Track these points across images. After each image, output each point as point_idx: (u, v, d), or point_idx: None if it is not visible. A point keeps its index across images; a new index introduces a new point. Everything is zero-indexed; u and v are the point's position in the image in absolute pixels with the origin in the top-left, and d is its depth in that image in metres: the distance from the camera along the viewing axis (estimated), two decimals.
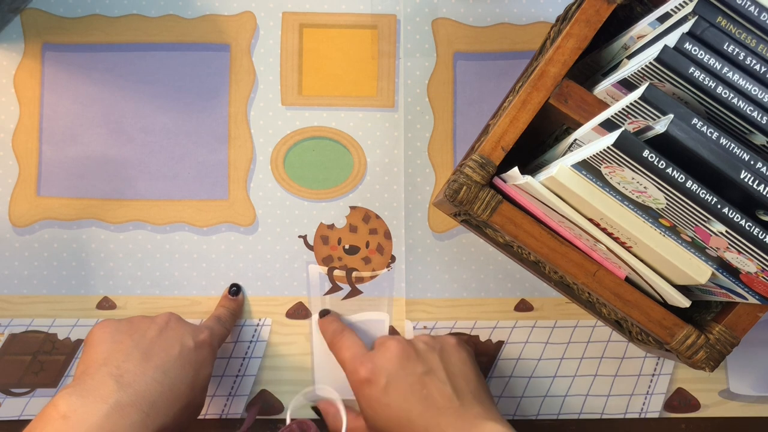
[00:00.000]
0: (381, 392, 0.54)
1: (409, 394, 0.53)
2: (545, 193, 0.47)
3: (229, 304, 0.63)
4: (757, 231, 0.41)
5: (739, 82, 0.43)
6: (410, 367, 0.55)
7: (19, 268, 0.63)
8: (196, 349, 0.55)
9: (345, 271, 0.65)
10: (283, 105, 0.65)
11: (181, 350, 0.54)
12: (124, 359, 0.51)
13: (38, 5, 0.64)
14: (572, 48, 0.50)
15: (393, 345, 0.57)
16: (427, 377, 0.54)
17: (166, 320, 0.56)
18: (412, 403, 0.53)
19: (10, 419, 0.63)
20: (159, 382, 0.51)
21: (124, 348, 0.53)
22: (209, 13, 0.65)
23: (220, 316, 0.62)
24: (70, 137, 0.64)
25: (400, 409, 0.53)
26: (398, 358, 0.55)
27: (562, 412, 0.65)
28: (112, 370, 0.50)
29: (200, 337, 0.56)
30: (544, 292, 0.65)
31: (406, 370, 0.55)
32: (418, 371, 0.55)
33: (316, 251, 0.65)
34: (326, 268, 0.64)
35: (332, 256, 0.65)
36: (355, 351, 0.58)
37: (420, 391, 0.53)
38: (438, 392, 0.54)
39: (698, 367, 0.51)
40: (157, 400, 0.50)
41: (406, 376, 0.54)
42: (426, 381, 0.54)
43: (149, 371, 0.51)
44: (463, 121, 0.65)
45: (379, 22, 0.65)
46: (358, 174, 0.65)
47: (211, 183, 0.64)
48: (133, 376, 0.50)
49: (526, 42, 0.65)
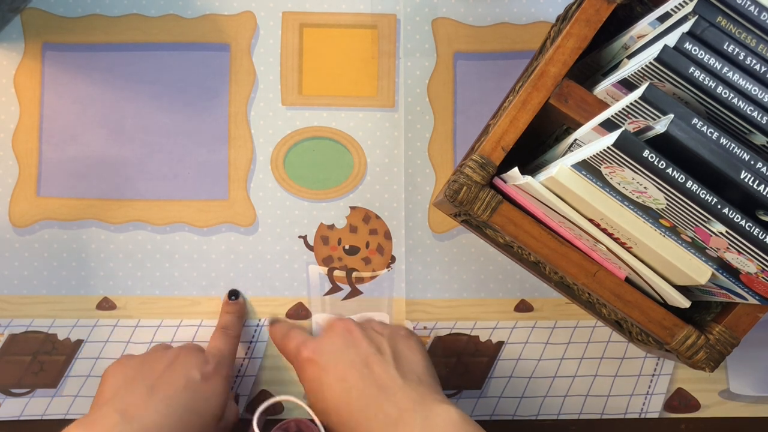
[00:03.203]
0: (321, 371, 0.53)
1: (350, 372, 0.52)
2: (545, 193, 0.47)
3: (232, 308, 0.63)
4: (757, 231, 0.41)
5: (739, 82, 0.42)
6: (354, 347, 0.53)
7: (19, 268, 0.63)
8: (203, 381, 0.55)
9: (345, 271, 0.65)
10: (283, 105, 0.65)
11: (186, 383, 0.54)
12: (130, 393, 0.53)
13: (38, 5, 0.64)
14: (572, 48, 0.50)
15: (338, 326, 0.56)
16: (371, 357, 0.52)
17: (176, 354, 0.57)
18: (352, 381, 0.51)
19: (10, 419, 0.63)
20: (163, 414, 0.52)
21: (132, 383, 0.54)
22: (209, 12, 0.65)
23: (227, 326, 0.62)
24: (70, 137, 0.64)
25: (340, 388, 0.52)
26: (342, 338, 0.54)
27: (562, 413, 0.65)
28: (117, 404, 0.52)
29: (207, 368, 0.56)
30: (544, 293, 0.65)
31: (350, 349, 0.53)
32: (363, 351, 0.53)
33: (316, 252, 0.65)
34: (326, 268, 0.64)
35: (332, 257, 0.65)
36: (300, 339, 0.56)
37: (361, 370, 0.52)
38: (381, 370, 0.52)
39: (698, 367, 0.51)
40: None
41: (348, 355, 0.53)
42: (369, 361, 0.52)
43: (152, 404, 0.52)
44: (463, 121, 0.65)
45: (379, 21, 0.65)
46: (358, 174, 0.65)
47: (211, 183, 0.64)
48: (137, 408, 0.51)
49: (526, 42, 0.65)
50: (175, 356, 0.56)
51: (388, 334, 0.56)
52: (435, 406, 0.49)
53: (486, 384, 0.65)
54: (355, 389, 0.51)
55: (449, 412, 0.48)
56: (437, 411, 0.49)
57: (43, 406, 0.63)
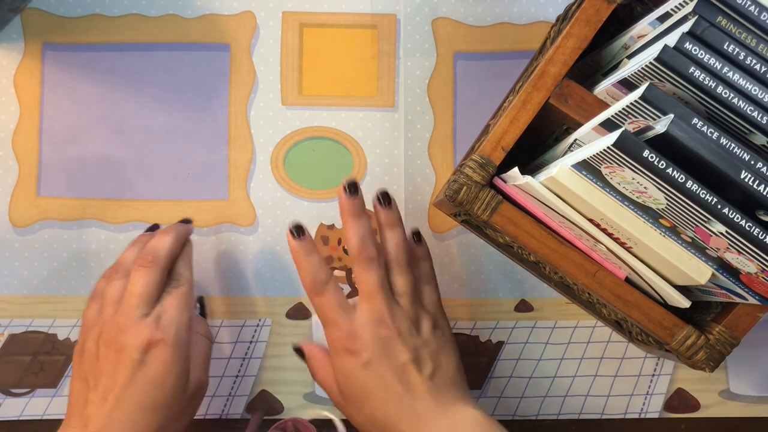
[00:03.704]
0: (362, 367, 0.53)
1: (388, 373, 0.53)
2: (545, 193, 0.47)
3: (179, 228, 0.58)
4: (758, 231, 0.41)
5: (740, 81, 0.42)
6: (395, 353, 0.53)
7: (19, 268, 0.63)
8: (146, 361, 0.52)
9: (345, 271, 0.65)
10: (283, 105, 0.65)
11: (132, 374, 0.51)
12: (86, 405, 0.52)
13: (38, 5, 0.64)
14: (572, 48, 0.50)
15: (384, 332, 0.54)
16: (408, 364, 0.53)
17: (111, 339, 0.52)
18: (389, 382, 0.52)
19: (10, 419, 0.63)
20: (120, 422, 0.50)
21: (84, 391, 0.52)
22: (209, 12, 0.65)
23: (173, 274, 0.56)
24: (70, 137, 0.64)
25: (375, 386, 0.53)
26: (385, 342, 0.53)
27: (562, 413, 0.65)
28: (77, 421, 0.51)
29: (144, 339, 0.52)
30: (544, 293, 0.65)
31: (390, 355, 0.53)
32: (402, 357, 0.53)
33: None
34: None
35: (332, 257, 0.65)
36: (341, 312, 0.54)
37: (397, 372, 0.53)
38: (416, 375, 0.53)
39: (698, 367, 0.51)
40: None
41: (388, 359, 0.53)
42: (406, 367, 0.53)
43: (107, 415, 0.51)
44: (463, 121, 0.65)
45: (379, 21, 0.65)
46: (358, 174, 0.65)
47: (211, 183, 0.64)
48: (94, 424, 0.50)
49: (526, 42, 0.65)
50: (116, 345, 0.52)
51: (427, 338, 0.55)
52: (461, 408, 0.52)
53: (486, 384, 0.65)
54: (392, 392, 0.53)
55: (474, 414, 0.52)
56: (463, 413, 0.52)
57: (43, 406, 0.63)
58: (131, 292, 0.53)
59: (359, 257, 0.55)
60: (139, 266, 0.54)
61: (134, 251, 0.57)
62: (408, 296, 0.56)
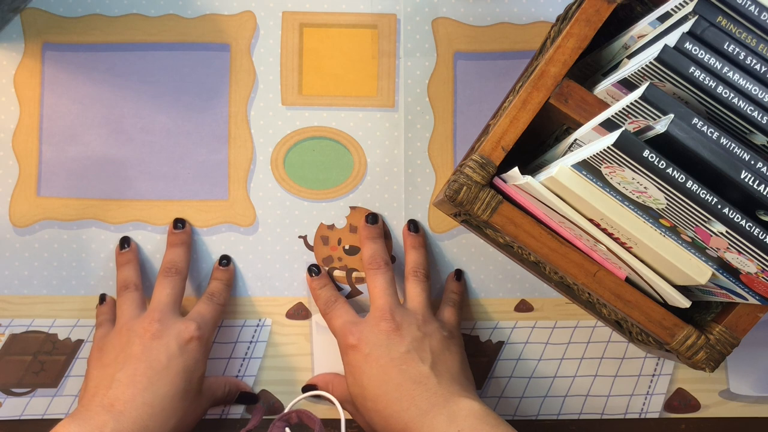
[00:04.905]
0: (364, 360, 0.56)
1: (390, 366, 0.55)
2: (545, 193, 0.47)
3: (222, 276, 0.63)
4: (758, 231, 0.41)
5: (740, 81, 0.42)
6: (396, 345, 0.56)
7: (19, 268, 0.63)
8: (182, 352, 0.56)
9: (345, 271, 0.65)
10: (283, 105, 0.65)
11: (168, 361, 0.55)
12: (112, 386, 0.54)
13: (38, 5, 0.64)
14: (572, 48, 0.50)
15: (384, 326, 0.57)
16: (410, 359, 0.56)
17: (146, 328, 0.57)
18: (392, 375, 0.55)
19: (11, 419, 0.63)
20: (149, 404, 0.53)
21: (110, 373, 0.55)
22: (209, 12, 0.65)
23: (213, 293, 0.62)
24: (70, 137, 0.64)
25: (379, 379, 0.55)
26: (386, 334, 0.56)
27: (562, 413, 0.65)
28: (102, 400, 0.53)
29: (185, 335, 0.57)
30: (544, 293, 0.65)
31: (392, 347, 0.56)
32: (404, 351, 0.56)
33: (316, 251, 0.65)
34: (326, 268, 0.64)
35: (332, 257, 0.65)
36: (347, 319, 0.59)
37: (400, 366, 0.55)
38: (418, 369, 0.55)
39: (698, 367, 0.51)
40: (149, 424, 0.52)
41: (390, 352, 0.56)
42: (409, 361, 0.55)
43: (138, 395, 0.53)
44: (463, 121, 0.65)
45: (379, 21, 0.65)
46: (358, 174, 0.65)
47: (211, 183, 0.64)
48: (123, 404, 0.53)
49: (526, 42, 0.65)
50: (146, 331, 0.56)
51: (430, 333, 0.58)
52: (461, 400, 0.53)
53: (486, 384, 0.65)
54: (393, 383, 0.55)
55: (473, 404, 0.53)
56: (462, 405, 0.53)
57: (44, 405, 0.63)
58: (162, 293, 0.59)
59: (370, 262, 0.61)
60: (165, 275, 0.60)
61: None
62: (417, 300, 0.60)
